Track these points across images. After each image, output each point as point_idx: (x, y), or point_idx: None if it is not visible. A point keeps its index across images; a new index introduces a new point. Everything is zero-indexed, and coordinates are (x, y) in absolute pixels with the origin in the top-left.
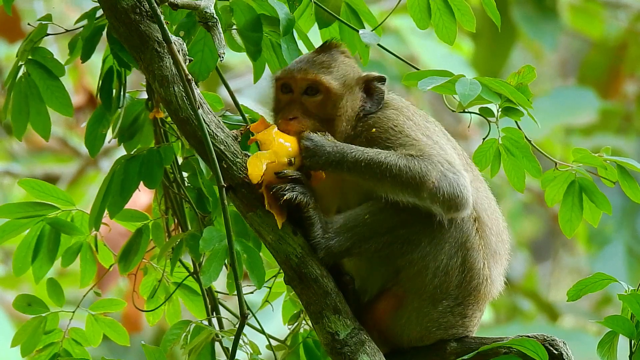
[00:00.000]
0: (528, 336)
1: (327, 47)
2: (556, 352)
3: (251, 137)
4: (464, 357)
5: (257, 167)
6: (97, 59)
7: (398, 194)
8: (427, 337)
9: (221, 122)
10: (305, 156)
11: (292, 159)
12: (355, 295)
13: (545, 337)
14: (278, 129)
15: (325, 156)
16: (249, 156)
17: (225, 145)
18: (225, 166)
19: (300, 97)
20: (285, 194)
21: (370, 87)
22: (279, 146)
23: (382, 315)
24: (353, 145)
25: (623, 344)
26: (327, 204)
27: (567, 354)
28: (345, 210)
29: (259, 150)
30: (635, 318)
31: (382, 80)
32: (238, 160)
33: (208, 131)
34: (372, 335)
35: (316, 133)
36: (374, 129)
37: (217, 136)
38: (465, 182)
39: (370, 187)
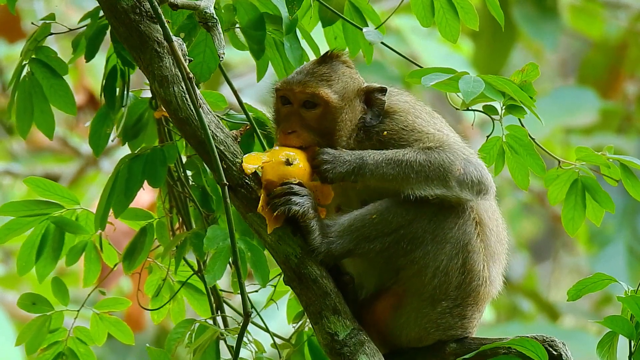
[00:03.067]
0: (528, 337)
1: (328, 58)
2: (555, 353)
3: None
4: (463, 357)
5: (252, 160)
6: (97, 59)
7: (425, 188)
8: (426, 338)
9: (220, 123)
10: (325, 169)
11: (289, 159)
12: (354, 294)
13: (545, 338)
14: (278, 142)
15: (347, 165)
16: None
17: (225, 146)
18: (225, 167)
19: (299, 110)
20: (279, 208)
21: (370, 98)
22: (277, 151)
23: (381, 314)
24: (369, 150)
25: (623, 344)
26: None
27: (567, 355)
28: (346, 208)
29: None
30: (635, 319)
31: (383, 91)
32: (238, 160)
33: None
34: (371, 335)
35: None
36: (385, 132)
37: (217, 136)
38: (485, 165)
39: (395, 187)
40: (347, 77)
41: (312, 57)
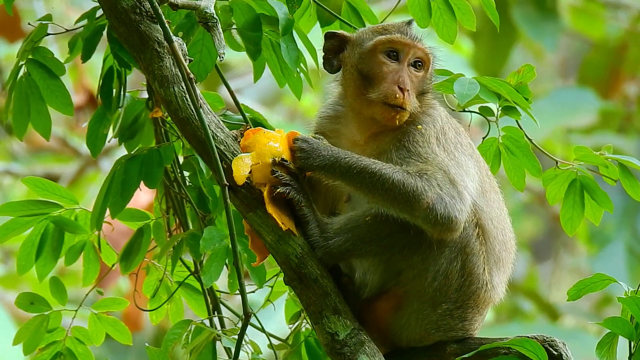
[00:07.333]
0: (528, 337)
1: (411, 23)
2: (556, 353)
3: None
4: (463, 357)
5: (241, 166)
6: (97, 59)
7: (389, 208)
8: (427, 338)
9: (221, 122)
10: (299, 156)
11: (276, 159)
12: (355, 294)
13: (545, 338)
14: (384, 98)
15: (320, 158)
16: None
17: (225, 146)
18: (225, 167)
19: (407, 68)
20: (278, 188)
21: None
22: (262, 147)
23: (382, 314)
24: (349, 152)
25: (623, 345)
26: (336, 192)
27: (567, 355)
28: (354, 197)
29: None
30: (635, 320)
31: None
32: None
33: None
34: (371, 334)
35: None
36: (419, 126)
37: (217, 136)
38: (462, 206)
39: (363, 196)
40: None
41: (309, 58)
